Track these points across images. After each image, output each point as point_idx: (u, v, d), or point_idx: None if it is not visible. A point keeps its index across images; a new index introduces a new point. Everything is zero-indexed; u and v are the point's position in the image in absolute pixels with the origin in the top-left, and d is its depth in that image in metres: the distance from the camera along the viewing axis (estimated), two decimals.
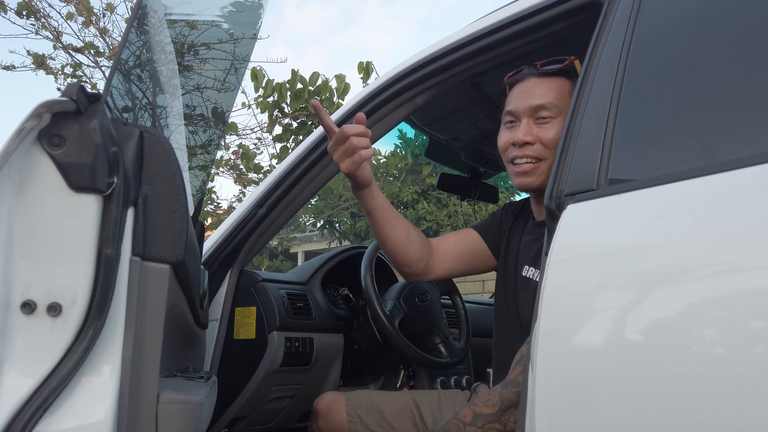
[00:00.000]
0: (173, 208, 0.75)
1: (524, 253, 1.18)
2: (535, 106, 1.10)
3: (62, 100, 0.66)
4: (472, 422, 0.97)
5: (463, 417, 0.98)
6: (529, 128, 1.10)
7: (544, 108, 1.10)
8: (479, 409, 0.97)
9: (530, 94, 1.12)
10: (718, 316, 0.61)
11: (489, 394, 0.97)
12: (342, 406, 1.27)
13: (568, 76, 1.12)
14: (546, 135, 1.09)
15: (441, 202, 7.61)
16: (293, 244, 7.74)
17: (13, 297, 0.67)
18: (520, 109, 1.12)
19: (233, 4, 1.31)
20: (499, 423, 0.96)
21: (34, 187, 0.68)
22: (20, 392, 0.65)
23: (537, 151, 1.10)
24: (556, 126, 1.09)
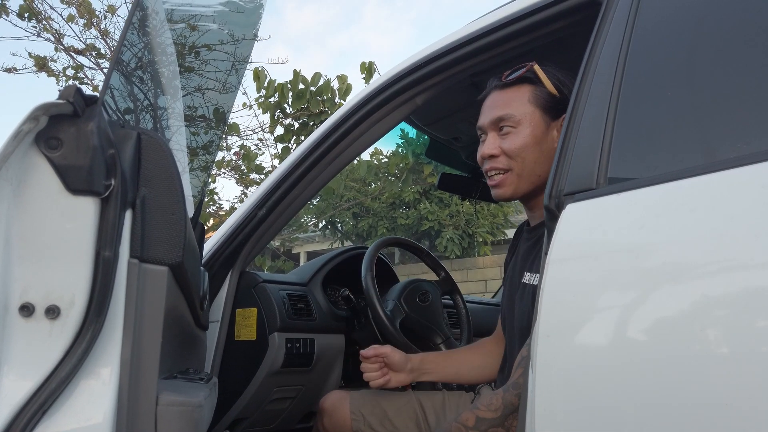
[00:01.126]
0: (171, 210, 0.75)
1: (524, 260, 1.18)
2: (495, 119, 1.13)
3: (59, 103, 0.66)
4: (474, 426, 0.97)
5: (466, 420, 0.98)
6: (494, 141, 1.13)
7: (502, 119, 1.12)
8: (482, 413, 0.97)
9: (492, 108, 1.14)
10: (719, 315, 0.61)
11: (492, 398, 0.97)
12: (346, 404, 1.28)
13: (531, 82, 1.13)
14: (509, 146, 1.11)
15: (443, 201, 7.61)
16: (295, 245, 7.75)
17: (11, 300, 0.67)
18: (485, 124, 1.15)
19: (232, 4, 1.31)
20: (502, 427, 0.96)
21: (31, 190, 0.68)
22: (19, 395, 0.65)
23: (503, 163, 1.12)
24: (519, 135, 1.10)
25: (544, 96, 1.11)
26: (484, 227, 7.58)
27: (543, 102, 1.11)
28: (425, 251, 1.81)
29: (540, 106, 1.11)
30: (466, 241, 7.54)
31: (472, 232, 7.56)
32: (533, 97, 1.11)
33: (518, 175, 1.11)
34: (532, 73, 1.12)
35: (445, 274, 1.78)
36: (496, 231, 7.74)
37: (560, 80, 1.13)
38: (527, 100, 1.12)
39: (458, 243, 7.39)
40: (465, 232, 7.54)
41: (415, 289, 1.66)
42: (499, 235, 7.81)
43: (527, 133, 1.10)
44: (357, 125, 1.29)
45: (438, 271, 1.78)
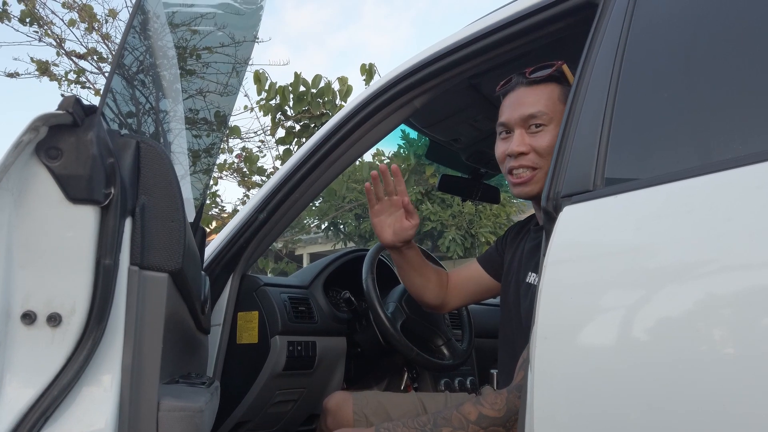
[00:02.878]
0: (170, 217, 0.75)
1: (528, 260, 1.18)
2: (526, 116, 1.10)
3: (59, 113, 0.67)
4: (476, 421, 0.97)
5: (468, 413, 0.98)
6: (522, 138, 1.11)
7: (535, 117, 1.10)
8: (485, 410, 0.97)
9: (521, 104, 1.12)
10: (717, 316, 0.61)
11: (496, 397, 0.98)
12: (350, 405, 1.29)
13: (558, 81, 1.12)
14: (539, 143, 1.09)
15: (445, 202, 7.61)
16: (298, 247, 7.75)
17: (13, 308, 0.67)
18: (512, 120, 1.12)
19: (232, 7, 1.32)
20: (503, 428, 0.96)
21: (32, 200, 0.68)
22: (21, 402, 0.66)
23: (532, 161, 1.10)
24: (549, 133, 1.09)
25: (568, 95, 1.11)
26: (487, 227, 7.58)
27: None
28: (426, 253, 1.81)
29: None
30: (469, 241, 7.54)
31: (474, 233, 7.56)
32: (563, 95, 1.10)
33: (545, 174, 1.10)
34: (560, 72, 1.11)
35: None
36: (499, 231, 7.73)
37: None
38: (557, 98, 1.10)
39: (461, 243, 7.38)
40: (467, 232, 7.54)
41: None
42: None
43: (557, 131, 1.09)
44: (357, 128, 1.29)
45: None
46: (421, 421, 1.01)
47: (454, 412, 0.99)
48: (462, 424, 0.98)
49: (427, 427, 1.00)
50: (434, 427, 0.99)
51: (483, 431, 0.97)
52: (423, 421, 1.01)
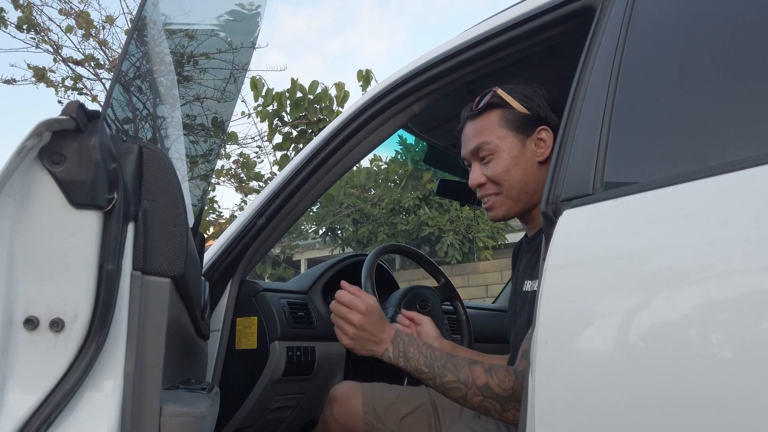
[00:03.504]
0: (173, 222, 0.75)
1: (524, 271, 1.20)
2: (473, 150, 1.17)
3: (62, 119, 0.67)
4: (480, 387, 0.97)
5: (477, 376, 0.98)
6: (478, 170, 1.18)
7: (480, 149, 1.16)
8: (492, 383, 0.97)
9: (467, 139, 1.19)
10: (715, 320, 0.61)
11: (506, 376, 0.97)
12: (358, 395, 1.28)
13: (498, 106, 1.16)
14: (491, 172, 1.15)
15: (443, 207, 7.61)
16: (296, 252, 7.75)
17: (15, 313, 0.67)
18: (466, 155, 1.20)
19: (230, 13, 1.32)
20: (500, 406, 0.96)
21: (35, 205, 0.69)
22: (24, 408, 0.66)
23: (491, 188, 1.17)
24: (498, 160, 1.14)
25: (514, 117, 1.15)
26: (485, 232, 7.58)
27: (514, 123, 1.15)
28: (425, 257, 1.81)
29: (512, 128, 1.15)
30: (467, 246, 7.54)
31: (472, 237, 7.56)
32: (503, 120, 1.15)
33: (507, 197, 1.15)
34: (497, 98, 1.15)
35: (444, 280, 1.78)
36: (497, 235, 7.74)
37: (527, 96, 1.16)
38: (497, 124, 1.15)
39: (459, 248, 7.38)
40: (465, 237, 7.54)
41: (415, 295, 1.66)
42: (499, 240, 7.81)
43: (505, 156, 1.14)
44: (355, 133, 1.30)
45: (438, 278, 1.78)
46: (434, 355, 1.02)
47: (465, 367, 0.99)
48: (467, 383, 0.98)
49: (436, 364, 1.01)
50: (442, 367, 1.00)
51: (482, 399, 0.97)
52: (435, 356, 1.02)
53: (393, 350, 1.05)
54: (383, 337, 1.07)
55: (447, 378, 0.99)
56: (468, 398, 0.98)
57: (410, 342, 1.05)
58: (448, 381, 0.99)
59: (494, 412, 0.97)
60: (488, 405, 0.97)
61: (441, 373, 1.00)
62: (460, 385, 0.98)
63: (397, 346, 1.05)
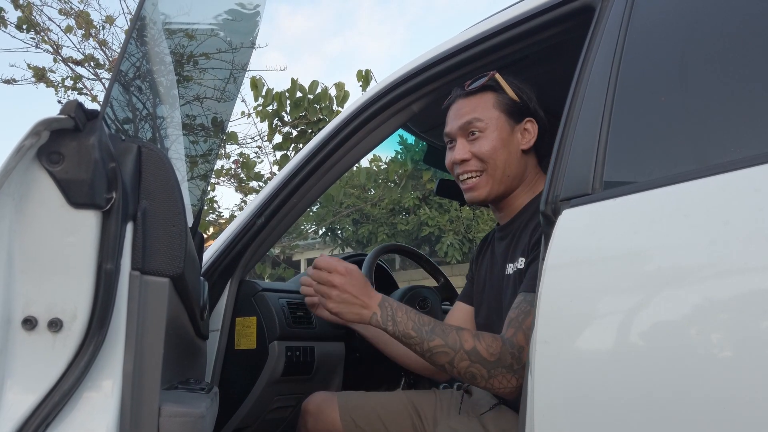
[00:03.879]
0: (172, 221, 0.75)
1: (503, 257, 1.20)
2: (463, 124, 1.18)
3: (61, 118, 0.67)
4: (468, 351, 0.96)
5: (464, 340, 0.97)
6: (463, 146, 1.18)
7: (471, 124, 1.17)
8: (480, 348, 0.96)
9: (459, 114, 1.19)
10: (715, 319, 0.62)
11: (494, 341, 0.97)
12: (334, 406, 1.26)
13: (493, 89, 1.18)
14: (479, 149, 1.16)
15: (442, 207, 7.61)
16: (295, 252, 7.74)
17: (14, 313, 0.67)
18: (453, 130, 1.20)
19: (230, 13, 1.32)
20: (486, 372, 0.95)
21: (33, 204, 0.68)
22: (22, 408, 0.65)
23: (475, 165, 1.17)
24: (488, 138, 1.16)
25: (506, 101, 1.18)
26: (484, 231, 7.59)
27: (506, 107, 1.17)
28: (424, 257, 1.82)
29: (504, 111, 1.17)
30: (467, 246, 7.54)
31: (472, 237, 7.57)
32: (497, 102, 1.18)
33: (491, 177, 1.17)
34: (493, 81, 1.18)
35: (444, 280, 1.78)
36: None
37: (519, 87, 1.19)
38: (492, 105, 1.18)
39: (459, 248, 7.39)
40: (465, 237, 7.54)
41: (414, 295, 1.66)
42: None
43: (495, 136, 1.16)
44: (354, 133, 1.30)
45: (437, 277, 1.78)
46: (422, 320, 1.01)
47: (453, 332, 0.98)
48: (454, 347, 0.97)
49: (424, 328, 1.00)
50: (430, 332, 0.99)
51: (468, 364, 0.96)
52: (423, 321, 1.01)
53: (381, 314, 1.03)
54: (369, 302, 1.04)
55: (435, 342, 0.97)
56: (455, 363, 0.96)
57: (398, 307, 1.03)
58: (436, 345, 0.97)
59: (480, 378, 0.96)
60: (474, 370, 0.96)
61: (429, 337, 0.98)
62: (448, 350, 0.96)
63: (385, 310, 1.03)
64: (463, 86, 1.20)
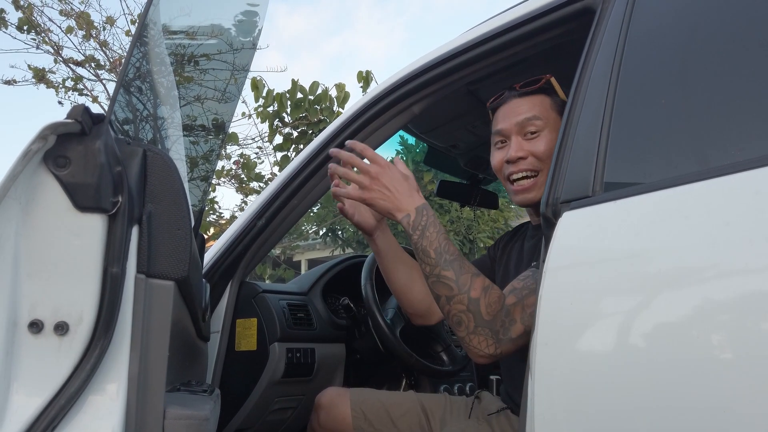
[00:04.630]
0: (177, 225, 0.76)
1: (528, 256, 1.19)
2: (521, 121, 1.15)
3: (67, 122, 0.67)
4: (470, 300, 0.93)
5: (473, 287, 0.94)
6: (520, 144, 1.14)
7: (530, 122, 1.14)
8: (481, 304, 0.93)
9: (515, 112, 1.16)
10: (716, 321, 0.62)
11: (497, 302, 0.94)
12: (346, 401, 1.27)
13: (547, 93, 1.17)
14: (537, 148, 1.13)
15: (443, 207, 7.61)
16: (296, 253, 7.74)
17: (20, 316, 0.67)
18: (508, 128, 1.16)
19: (231, 14, 1.32)
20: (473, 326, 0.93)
21: (40, 208, 0.69)
22: (29, 411, 0.66)
23: (532, 164, 1.13)
24: (545, 138, 1.13)
25: (559, 106, 1.16)
26: (485, 232, 7.58)
27: (560, 110, 1.16)
28: None
29: (559, 114, 1.16)
30: (467, 246, 7.54)
31: (472, 238, 7.56)
32: (553, 105, 1.16)
33: (545, 179, 1.13)
34: (549, 84, 1.17)
35: None
36: (497, 236, 7.74)
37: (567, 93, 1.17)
38: (549, 107, 1.16)
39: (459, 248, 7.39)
40: (466, 237, 7.54)
41: None
42: None
43: (552, 137, 1.14)
44: (355, 134, 1.30)
45: None
46: (449, 249, 0.97)
47: (468, 274, 0.95)
48: (461, 288, 0.94)
49: (445, 256, 0.96)
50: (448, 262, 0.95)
51: (463, 309, 0.93)
52: (449, 249, 0.97)
53: (415, 217, 0.98)
54: (405, 201, 1.00)
55: (447, 272, 0.95)
56: (452, 301, 0.94)
57: (433, 222, 0.98)
58: (446, 276, 0.95)
59: (464, 328, 0.94)
60: (464, 317, 0.93)
61: (444, 266, 0.95)
62: (453, 285, 0.94)
63: (420, 216, 0.98)
64: (515, 87, 1.19)
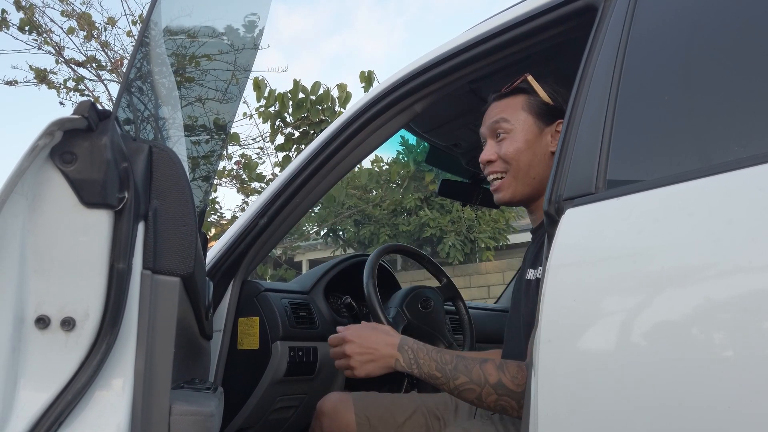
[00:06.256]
0: (182, 221, 0.76)
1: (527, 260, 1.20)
2: (490, 124, 1.20)
3: (74, 118, 0.67)
4: (494, 385, 0.97)
5: (489, 374, 0.97)
6: (491, 147, 1.20)
7: (497, 124, 1.19)
8: (505, 380, 0.96)
9: (488, 116, 1.22)
10: (718, 318, 0.62)
11: (518, 371, 0.97)
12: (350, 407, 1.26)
13: (525, 92, 1.19)
14: (503, 150, 1.18)
15: (444, 208, 7.61)
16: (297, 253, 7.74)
17: (27, 312, 0.68)
18: (483, 131, 1.23)
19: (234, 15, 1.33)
20: (516, 403, 0.96)
21: (46, 204, 0.69)
22: (36, 407, 0.66)
23: (499, 167, 1.19)
24: (512, 140, 1.17)
25: (537, 104, 1.18)
26: (486, 233, 7.58)
27: (536, 109, 1.18)
28: (426, 258, 1.82)
29: (533, 113, 1.18)
30: (469, 246, 7.54)
31: (474, 238, 7.56)
32: (526, 105, 1.18)
33: (514, 178, 1.17)
34: (525, 84, 1.19)
35: (446, 280, 1.78)
36: (499, 236, 7.73)
37: (555, 89, 1.20)
38: (520, 107, 1.18)
39: (460, 249, 7.38)
40: (467, 238, 7.54)
41: (417, 295, 1.66)
42: (501, 241, 7.80)
43: (520, 138, 1.17)
44: (356, 133, 1.30)
45: (440, 278, 1.78)
46: (444, 359, 1.02)
47: (476, 367, 0.99)
48: (479, 382, 0.97)
49: (448, 367, 1.01)
50: (454, 369, 1.00)
51: (497, 397, 0.96)
52: (446, 359, 1.02)
53: (403, 358, 1.06)
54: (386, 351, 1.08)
55: (460, 380, 0.99)
56: (483, 398, 0.98)
57: (418, 348, 1.05)
58: (462, 383, 0.99)
59: (511, 410, 0.97)
60: (504, 403, 0.96)
61: (454, 375, 1.00)
62: (474, 386, 0.98)
63: (405, 354, 1.06)
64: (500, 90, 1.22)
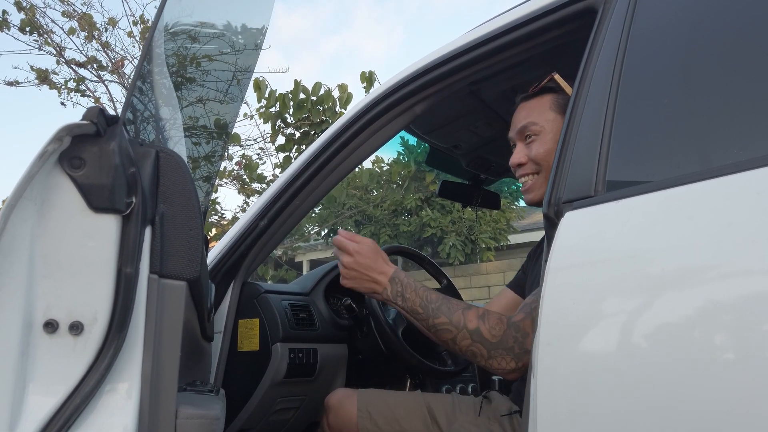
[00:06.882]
0: (189, 225, 0.76)
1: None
2: (519, 128, 1.20)
3: (82, 124, 0.68)
4: (471, 331, 1.00)
5: (468, 320, 1.01)
6: (521, 150, 1.20)
7: (525, 128, 1.19)
8: (483, 329, 1.00)
9: (517, 120, 1.22)
10: (718, 321, 0.62)
11: (498, 323, 1.00)
12: (353, 401, 1.28)
13: (552, 91, 1.19)
14: (534, 152, 1.18)
15: (445, 208, 7.61)
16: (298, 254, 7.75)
17: (35, 317, 0.68)
18: (513, 135, 1.23)
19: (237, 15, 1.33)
20: (486, 352, 0.99)
21: (55, 209, 0.69)
22: (44, 410, 0.66)
23: (531, 168, 1.19)
24: (541, 141, 1.17)
25: (565, 102, 1.17)
26: (487, 233, 7.58)
27: (564, 107, 1.17)
28: (426, 259, 1.82)
29: (562, 113, 1.17)
30: (469, 247, 7.54)
31: (474, 238, 7.56)
32: (554, 104, 1.18)
33: (546, 179, 1.17)
34: (553, 82, 1.18)
35: (446, 281, 1.78)
36: (499, 236, 7.73)
37: None
38: (548, 107, 1.18)
39: (461, 249, 7.38)
40: (467, 238, 7.54)
41: None
42: (502, 241, 7.81)
43: (549, 138, 1.17)
44: (357, 134, 1.30)
45: (439, 279, 1.79)
46: (430, 297, 1.05)
47: (459, 311, 1.02)
48: (458, 325, 1.01)
49: (432, 306, 1.04)
50: (437, 309, 1.03)
51: (470, 342, 0.99)
52: (431, 299, 1.05)
53: (391, 289, 1.09)
54: (379, 277, 1.11)
55: (440, 320, 1.02)
56: (457, 341, 1.01)
57: (408, 283, 1.09)
58: (441, 322, 1.02)
59: (480, 357, 1.00)
60: (475, 349, 1.00)
61: (435, 314, 1.03)
62: (452, 327, 1.01)
63: (394, 286, 1.09)
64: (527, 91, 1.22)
